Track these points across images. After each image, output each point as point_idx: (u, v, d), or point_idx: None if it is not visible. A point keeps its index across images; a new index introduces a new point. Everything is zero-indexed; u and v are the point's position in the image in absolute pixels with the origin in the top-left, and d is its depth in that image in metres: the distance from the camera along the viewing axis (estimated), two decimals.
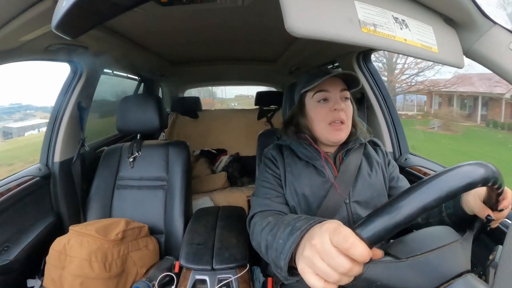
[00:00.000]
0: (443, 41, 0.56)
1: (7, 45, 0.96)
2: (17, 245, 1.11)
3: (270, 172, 0.94)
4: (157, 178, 1.41)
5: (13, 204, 1.14)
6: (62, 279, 0.96)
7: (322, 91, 0.88)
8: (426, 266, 0.46)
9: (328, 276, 0.41)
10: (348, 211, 0.86)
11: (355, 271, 0.41)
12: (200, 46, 1.82)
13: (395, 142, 1.47)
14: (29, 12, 0.79)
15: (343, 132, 0.88)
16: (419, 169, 1.27)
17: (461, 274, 0.46)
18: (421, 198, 0.41)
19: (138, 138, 1.49)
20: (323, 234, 0.44)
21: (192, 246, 1.08)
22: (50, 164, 1.38)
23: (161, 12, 1.12)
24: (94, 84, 1.60)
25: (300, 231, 0.51)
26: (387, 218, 0.41)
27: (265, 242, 0.67)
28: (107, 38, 1.33)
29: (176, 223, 1.33)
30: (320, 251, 0.43)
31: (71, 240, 1.00)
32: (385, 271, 0.45)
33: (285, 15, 0.40)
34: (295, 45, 1.74)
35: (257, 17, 1.26)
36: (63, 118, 1.41)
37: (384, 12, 0.49)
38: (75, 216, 1.40)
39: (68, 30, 0.62)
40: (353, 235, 0.40)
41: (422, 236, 0.51)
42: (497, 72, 0.61)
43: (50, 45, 1.13)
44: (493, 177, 0.45)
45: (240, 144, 2.79)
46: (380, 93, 1.49)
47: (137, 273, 1.09)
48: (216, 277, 0.97)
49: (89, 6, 0.53)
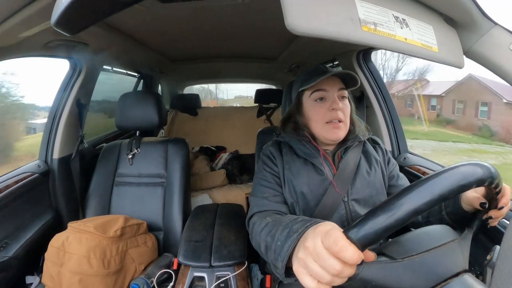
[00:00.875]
0: (443, 41, 0.56)
1: (7, 41, 0.95)
2: (16, 241, 1.11)
3: (268, 170, 0.94)
4: (156, 175, 1.41)
5: (12, 201, 1.14)
6: (61, 275, 0.96)
7: (319, 91, 0.87)
8: (421, 266, 0.46)
9: (320, 277, 0.43)
10: (347, 209, 0.86)
11: (347, 273, 0.42)
12: (199, 43, 1.81)
13: (394, 141, 1.47)
14: (28, 8, 0.78)
15: (341, 131, 0.87)
16: (418, 168, 1.27)
17: (458, 274, 0.46)
18: (412, 202, 0.41)
19: (137, 135, 1.48)
20: (315, 237, 0.45)
21: (190, 243, 1.08)
22: (49, 161, 1.38)
23: (161, 9, 1.12)
24: (94, 81, 1.59)
25: (297, 234, 0.53)
26: (378, 221, 0.41)
27: (264, 243, 0.68)
28: (106, 34, 1.32)
29: (175, 220, 1.33)
30: (312, 253, 0.44)
31: (69, 237, 1.00)
32: (381, 272, 0.45)
33: (285, 12, 0.40)
34: (295, 43, 1.74)
35: (257, 14, 1.26)
36: (62, 114, 1.40)
37: (385, 11, 0.49)
38: (74, 213, 1.40)
39: (67, 27, 0.62)
40: (343, 239, 0.41)
41: (419, 236, 0.51)
42: (497, 72, 0.61)
43: (50, 41, 1.13)
44: (489, 177, 0.45)
45: (239, 142, 2.78)
46: (380, 92, 1.49)
47: (135, 270, 1.10)
48: (214, 274, 0.98)
49: (88, 2, 0.52)
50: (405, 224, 0.41)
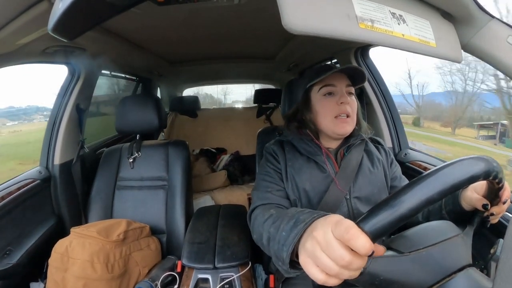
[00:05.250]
0: (441, 36, 0.56)
1: (4, 48, 0.95)
2: (19, 248, 1.11)
3: (271, 167, 0.94)
4: (158, 178, 1.41)
5: (14, 208, 1.14)
6: (65, 281, 0.96)
7: (328, 86, 0.89)
8: (428, 260, 0.46)
9: (328, 269, 0.41)
10: (349, 207, 0.86)
11: (356, 265, 0.40)
12: (197, 45, 1.81)
13: (395, 137, 1.47)
14: (25, 15, 0.78)
15: (348, 125, 0.88)
16: (419, 164, 1.27)
17: (463, 268, 0.46)
18: (424, 191, 0.41)
19: (138, 139, 1.48)
20: (325, 227, 0.44)
21: (194, 245, 1.08)
22: (50, 167, 1.38)
23: (158, 11, 1.12)
24: (92, 86, 1.59)
25: (304, 224, 0.51)
26: (390, 211, 0.40)
27: (267, 234, 0.67)
28: (104, 39, 1.32)
29: (178, 223, 1.33)
30: (321, 243, 0.43)
31: (73, 242, 1.00)
32: (388, 266, 0.45)
33: (282, 12, 0.40)
34: (293, 42, 1.74)
35: (254, 14, 1.26)
36: (62, 120, 1.40)
37: (381, 8, 0.49)
38: (76, 218, 1.40)
39: (64, 32, 0.62)
40: (354, 227, 0.40)
41: (424, 231, 0.51)
42: (495, 65, 0.61)
43: (47, 47, 1.13)
44: (494, 171, 0.45)
45: (240, 142, 2.79)
46: (379, 88, 1.49)
47: (139, 273, 1.10)
48: (218, 275, 0.98)
49: (85, 7, 0.53)
50: (417, 214, 0.41)
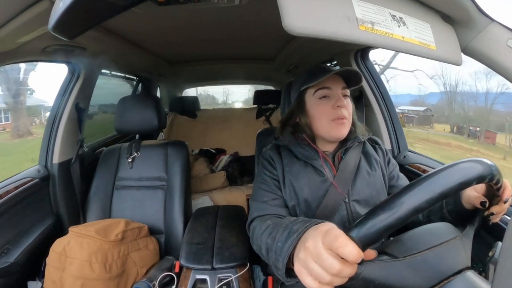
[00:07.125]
0: (440, 39, 0.56)
1: (5, 46, 0.95)
2: (17, 247, 1.10)
3: (268, 174, 0.93)
4: (156, 178, 1.40)
5: (12, 206, 1.14)
6: (63, 280, 0.96)
7: (324, 88, 0.87)
8: (423, 265, 0.46)
9: (320, 278, 0.43)
10: (348, 210, 0.86)
11: (347, 273, 0.42)
12: (197, 45, 1.81)
13: (394, 140, 1.47)
14: (26, 14, 0.78)
15: (345, 128, 0.87)
16: (418, 166, 1.27)
17: (461, 271, 0.46)
18: (413, 200, 0.41)
19: (137, 139, 1.48)
20: (316, 237, 0.45)
21: (192, 245, 1.08)
22: (49, 166, 1.38)
23: (158, 12, 1.12)
24: (92, 85, 1.59)
25: (297, 234, 0.53)
26: (379, 220, 0.41)
27: (265, 245, 0.68)
28: (104, 38, 1.32)
29: (176, 223, 1.33)
30: (312, 253, 0.44)
31: (71, 242, 1.00)
32: (383, 271, 0.45)
33: (282, 13, 0.40)
34: (293, 44, 1.74)
35: (254, 15, 1.26)
36: (61, 119, 1.40)
37: (382, 10, 0.49)
38: (75, 217, 1.40)
39: (65, 31, 0.62)
40: (343, 235, 0.42)
41: (420, 234, 0.51)
42: (495, 69, 0.61)
43: (47, 46, 1.13)
44: (489, 174, 0.45)
45: (239, 143, 2.78)
46: (379, 90, 1.49)
47: (137, 273, 1.09)
48: (216, 276, 0.97)
49: (85, 7, 0.53)
50: (406, 222, 0.41)
